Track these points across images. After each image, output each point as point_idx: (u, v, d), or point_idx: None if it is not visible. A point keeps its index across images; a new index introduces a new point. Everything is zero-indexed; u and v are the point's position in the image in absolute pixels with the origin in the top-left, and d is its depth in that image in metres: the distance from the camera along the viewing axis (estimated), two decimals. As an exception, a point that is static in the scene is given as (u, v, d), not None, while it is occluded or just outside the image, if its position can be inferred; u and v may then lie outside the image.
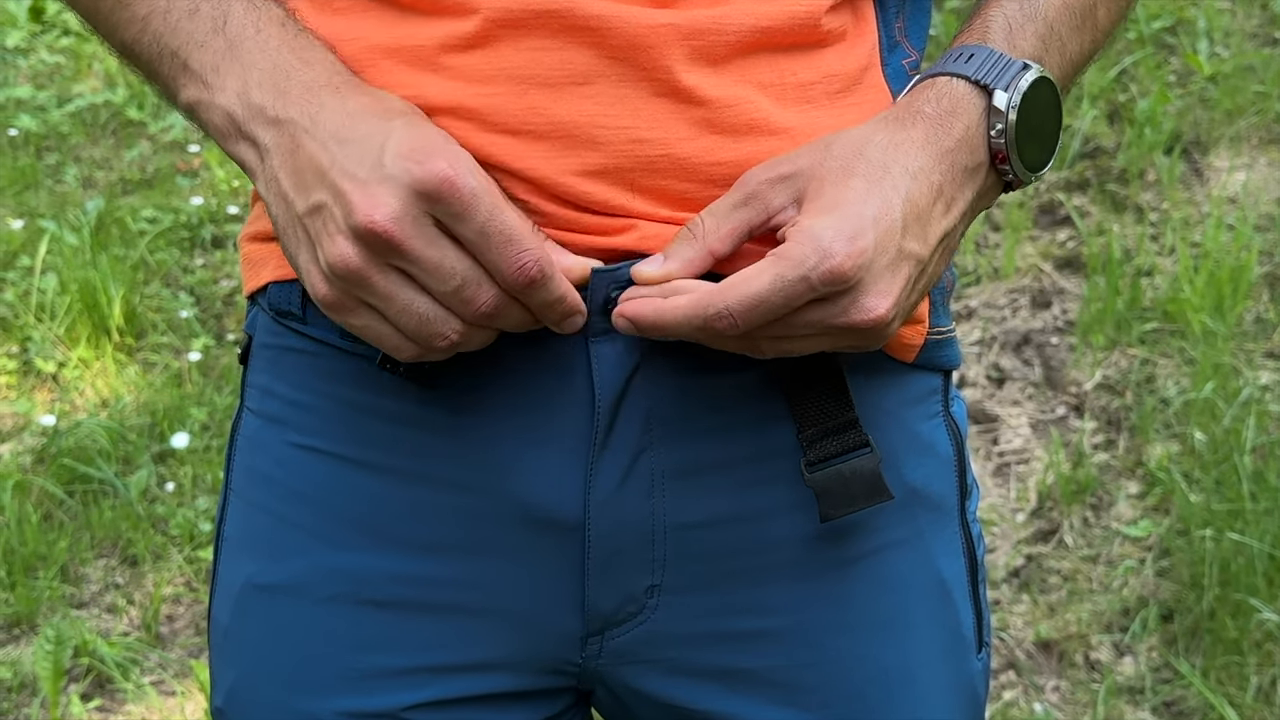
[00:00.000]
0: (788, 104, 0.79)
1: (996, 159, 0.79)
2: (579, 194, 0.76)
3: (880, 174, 0.74)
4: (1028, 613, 2.27)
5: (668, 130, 0.76)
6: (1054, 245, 2.97)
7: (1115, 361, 2.70)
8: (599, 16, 0.74)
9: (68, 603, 2.34)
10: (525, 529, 0.81)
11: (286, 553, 0.84)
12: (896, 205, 0.74)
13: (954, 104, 0.78)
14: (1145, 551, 2.35)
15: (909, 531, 0.85)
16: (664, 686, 0.84)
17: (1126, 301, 2.74)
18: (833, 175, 0.74)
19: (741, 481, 0.81)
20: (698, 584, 0.82)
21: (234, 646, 0.86)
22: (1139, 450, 2.52)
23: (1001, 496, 2.52)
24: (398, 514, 0.81)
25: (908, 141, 0.76)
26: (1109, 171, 3.08)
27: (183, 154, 3.54)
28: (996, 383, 2.75)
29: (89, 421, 2.67)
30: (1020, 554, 2.38)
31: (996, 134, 0.78)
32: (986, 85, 0.78)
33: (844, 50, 0.81)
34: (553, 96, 0.75)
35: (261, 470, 0.85)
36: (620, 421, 0.79)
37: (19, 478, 2.53)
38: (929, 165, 0.76)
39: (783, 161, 0.75)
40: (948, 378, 0.89)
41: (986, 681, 0.91)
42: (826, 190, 0.74)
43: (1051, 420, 2.64)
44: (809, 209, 0.73)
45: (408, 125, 0.72)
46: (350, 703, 0.83)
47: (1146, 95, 3.17)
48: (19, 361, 2.89)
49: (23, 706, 2.14)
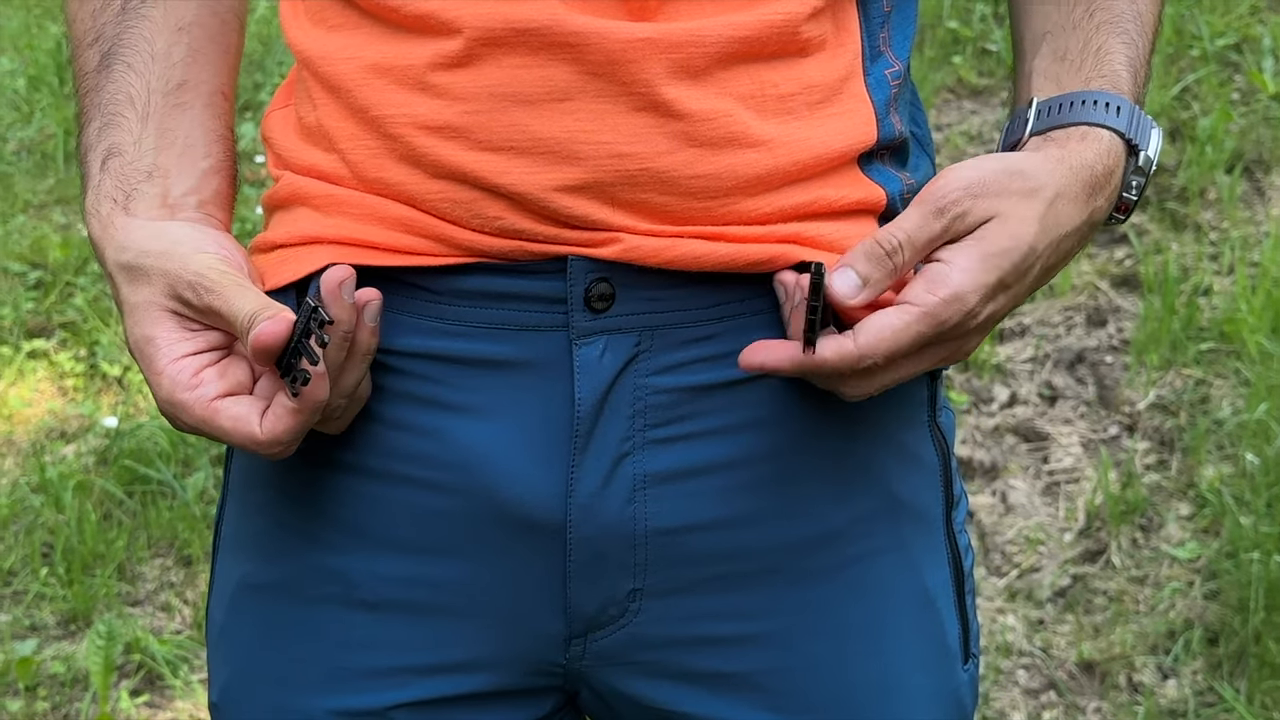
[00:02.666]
0: (767, 116, 0.79)
1: (1119, 209, 0.84)
2: (559, 208, 0.78)
3: (1045, 234, 0.78)
4: (1071, 633, 2.25)
5: (647, 145, 0.77)
6: (1111, 263, 2.95)
7: (1170, 381, 2.67)
8: (578, 33, 0.76)
9: (123, 600, 2.40)
10: (509, 531, 0.82)
11: (279, 553, 0.86)
12: (1035, 271, 0.79)
13: (1115, 164, 0.82)
14: (1194, 574, 2.32)
15: (892, 540, 0.86)
16: (647, 689, 0.85)
17: (1183, 321, 2.71)
18: (1016, 214, 0.78)
19: (723, 487, 0.82)
20: (679, 588, 0.83)
21: (228, 644, 0.89)
22: (1191, 471, 2.49)
23: (1050, 515, 2.50)
24: (386, 517, 0.83)
25: (1070, 201, 0.80)
26: (1169, 189, 3.04)
27: (249, 164, 3.61)
28: (1049, 401, 2.73)
29: (150, 424, 2.73)
30: (1066, 573, 2.37)
31: (1133, 191, 0.83)
32: (1136, 145, 0.83)
33: (825, 59, 0.81)
34: (534, 113, 0.77)
35: (257, 473, 0.88)
36: (601, 426, 0.80)
37: (81, 478, 2.59)
38: (1077, 229, 0.81)
39: (972, 168, 0.78)
40: (935, 386, 0.89)
41: (975, 693, 0.92)
42: (1008, 228, 0.77)
43: (1103, 440, 2.61)
44: (974, 245, 0.77)
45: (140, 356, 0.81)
46: (339, 701, 0.85)
47: (1209, 113, 3.13)
48: (86, 365, 2.96)
49: (75, 701, 2.20)
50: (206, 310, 0.79)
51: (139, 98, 0.85)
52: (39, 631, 2.33)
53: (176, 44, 0.87)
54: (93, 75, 0.87)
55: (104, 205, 0.83)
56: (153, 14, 0.87)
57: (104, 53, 0.86)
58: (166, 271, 0.79)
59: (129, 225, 0.82)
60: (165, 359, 0.78)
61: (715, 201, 0.79)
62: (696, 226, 0.79)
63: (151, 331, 0.79)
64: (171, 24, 0.87)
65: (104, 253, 0.83)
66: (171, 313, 0.79)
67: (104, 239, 0.83)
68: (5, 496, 2.59)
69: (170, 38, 0.87)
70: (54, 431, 2.79)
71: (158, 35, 0.86)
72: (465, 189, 0.78)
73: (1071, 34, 0.86)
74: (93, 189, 0.84)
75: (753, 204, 0.80)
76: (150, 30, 0.86)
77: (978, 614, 0.95)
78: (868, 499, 0.85)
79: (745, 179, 0.79)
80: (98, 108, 0.86)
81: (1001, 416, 2.70)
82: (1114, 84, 0.83)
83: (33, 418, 2.83)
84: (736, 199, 0.79)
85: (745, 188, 0.79)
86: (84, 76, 0.87)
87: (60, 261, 3.22)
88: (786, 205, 0.80)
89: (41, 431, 2.78)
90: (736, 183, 0.79)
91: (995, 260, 0.76)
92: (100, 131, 0.85)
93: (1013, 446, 2.64)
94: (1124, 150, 0.82)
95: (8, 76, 4.18)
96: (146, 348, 0.79)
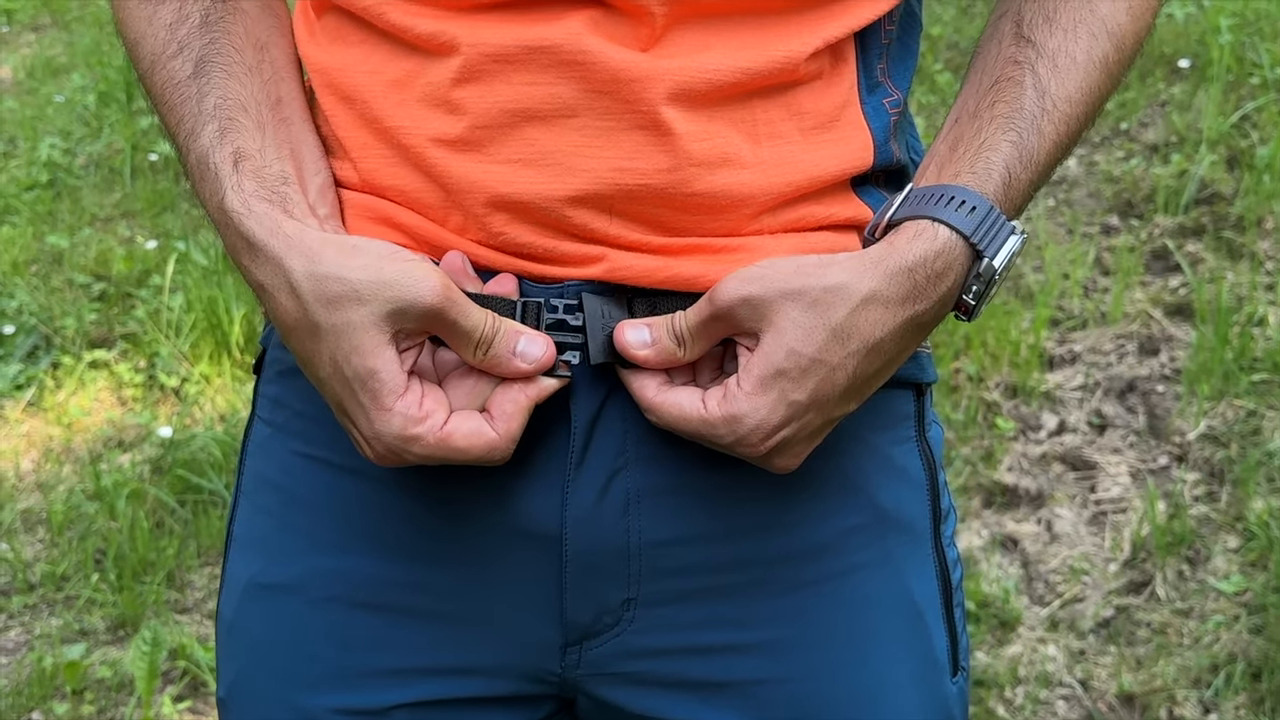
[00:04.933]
0: (760, 140, 0.81)
1: (958, 309, 0.81)
2: (560, 218, 0.80)
3: (840, 345, 0.76)
4: (1113, 664, 2.23)
5: (647, 161, 0.79)
6: (1165, 291, 2.92)
7: (1221, 412, 2.64)
8: (584, 52, 0.78)
9: (171, 608, 2.44)
10: (506, 541, 0.84)
11: (287, 554, 0.88)
12: (840, 383, 0.77)
13: (946, 266, 0.78)
14: (1239, 607, 2.29)
15: (878, 553, 0.87)
16: (641, 697, 0.86)
17: (1235, 351, 2.67)
18: (795, 328, 0.76)
19: (714, 502, 0.84)
20: (672, 598, 0.84)
21: (236, 641, 0.91)
22: (1240, 504, 2.46)
23: (1095, 545, 2.48)
24: (390, 522, 0.86)
25: (882, 305, 0.76)
26: (1225, 218, 3.01)
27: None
28: (1098, 429, 2.71)
29: (204, 434, 2.78)
30: (1110, 605, 2.34)
31: (973, 295, 0.80)
32: (980, 251, 0.79)
33: (819, 89, 0.83)
34: (543, 127, 0.79)
35: (268, 475, 0.90)
36: (595, 442, 0.82)
37: (135, 486, 2.65)
38: (893, 333, 0.77)
39: (753, 280, 0.76)
40: (922, 401, 0.90)
41: (964, 707, 0.92)
42: (785, 343, 0.76)
43: (1152, 470, 2.59)
44: (756, 364, 0.76)
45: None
46: (341, 699, 0.87)
47: (1267, 141, 3.10)
48: (145, 375, 3.02)
49: (120, 705, 2.24)
50: (436, 324, 0.76)
51: (250, 107, 0.83)
52: (88, 636, 2.38)
53: (263, 60, 0.86)
54: (188, 83, 0.84)
55: (257, 205, 0.79)
56: (234, 30, 0.86)
57: (196, 61, 0.84)
58: (385, 284, 0.75)
59: (306, 232, 0.78)
60: (392, 395, 0.75)
61: (708, 216, 0.81)
62: (688, 239, 0.81)
63: (374, 364, 0.75)
64: (253, 41, 0.86)
65: (283, 259, 0.77)
66: (390, 337, 0.76)
67: (275, 242, 0.77)
68: (61, 503, 2.64)
69: (256, 54, 0.86)
70: (111, 440, 2.85)
71: (245, 50, 0.85)
72: (470, 199, 0.81)
73: (970, 123, 0.83)
74: (233, 189, 0.80)
75: (745, 221, 0.82)
76: (237, 45, 0.85)
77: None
78: (854, 513, 0.86)
79: (739, 197, 0.81)
80: (209, 113, 0.82)
81: (1049, 444, 2.68)
82: (980, 182, 0.80)
83: (91, 426, 2.89)
84: (729, 215, 0.81)
85: (738, 205, 0.81)
86: (175, 86, 0.84)
87: (123, 274, 3.30)
88: (775, 223, 0.82)
89: (99, 440, 2.84)
90: (730, 201, 0.81)
91: (775, 383, 0.76)
92: (221, 134, 0.82)
93: (1060, 475, 2.62)
94: (965, 251, 0.78)
95: (79, 92, 4.29)
96: (371, 382, 0.75)
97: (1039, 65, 0.82)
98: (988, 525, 2.53)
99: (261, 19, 0.87)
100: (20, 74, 4.61)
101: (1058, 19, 0.84)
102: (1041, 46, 0.83)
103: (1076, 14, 0.84)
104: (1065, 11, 0.84)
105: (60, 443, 2.84)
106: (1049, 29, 0.84)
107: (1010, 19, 0.86)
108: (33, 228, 3.55)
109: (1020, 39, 0.84)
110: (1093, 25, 0.84)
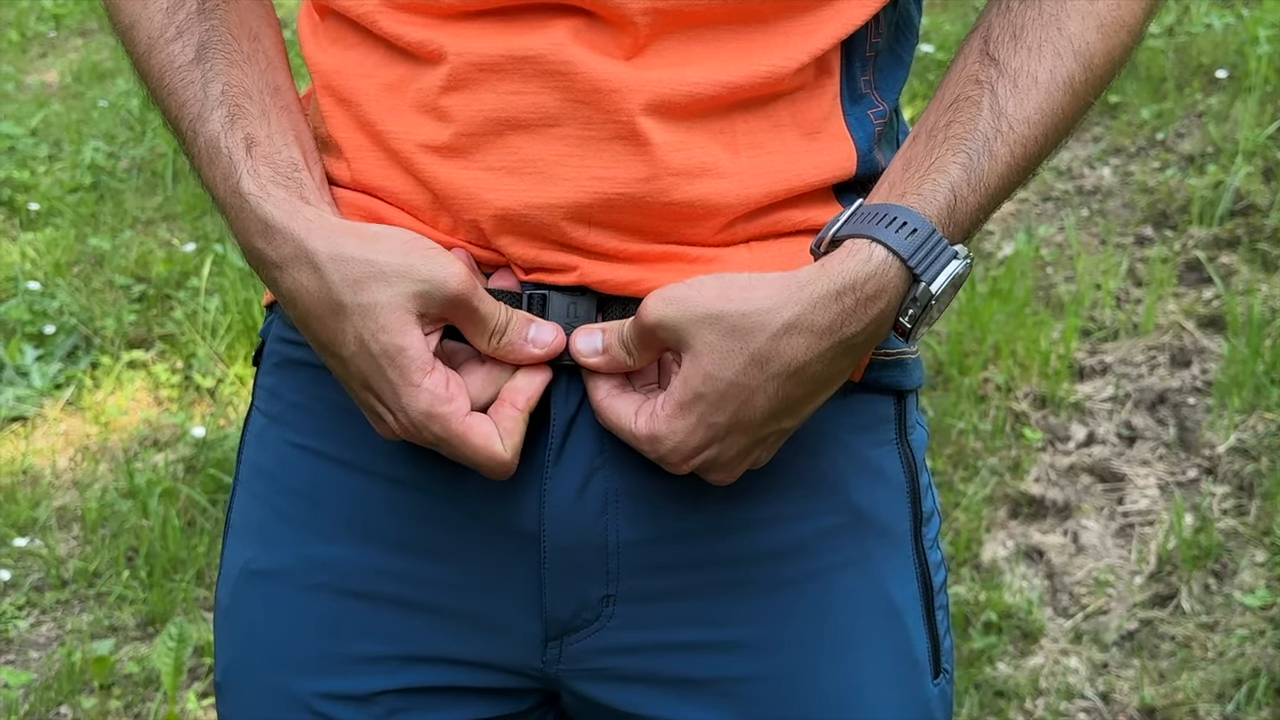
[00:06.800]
0: (739, 151, 0.82)
1: (896, 330, 0.79)
2: (539, 225, 0.81)
3: (759, 369, 0.75)
4: (1135, 678, 2.22)
5: (625, 170, 0.80)
6: (1198, 303, 2.90)
7: (1252, 425, 2.62)
8: (567, 62, 0.79)
9: (200, 605, 2.47)
10: (489, 536, 0.85)
11: (279, 542, 0.90)
12: (761, 405, 0.77)
13: (879, 289, 0.76)
14: (1265, 622, 2.27)
15: (856, 554, 0.87)
16: (621, 693, 0.87)
17: (1268, 364, 2.65)
18: (712, 351, 0.76)
19: (691, 501, 0.85)
20: (651, 595, 0.85)
21: (231, 626, 0.93)
22: (1269, 518, 2.44)
23: (1121, 558, 2.46)
24: (378, 513, 0.87)
25: (805, 332, 0.75)
26: (1260, 230, 2.99)
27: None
28: (1127, 441, 2.69)
29: (236, 435, 2.81)
30: (1135, 617, 2.33)
31: (909, 319, 0.78)
32: (917, 273, 0.77)
33: (802, 100, 0.84)
34: (527, 136, 0.81)
35: (263, 465, 0.92)
36: (573, 441, 0.84)
37: (168, 485, 2.68)
38: (819, 357, 0.76)
39: (672, 302, 0.76)
40: (904, 405, 0.91)
41: (948, 710, 0.92)
42: (701, 367, 0.76)
43: (1181, 482, 2.57)
44: (676, 387, 0.77)
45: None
46: (329, 684, 0.89)
47: (1305, 153, 3.08)
48: (181, 376, 3.06)
49: (147, 700, 2.27)
50: (458, 309, 0.78)
51: (254, 94, 0.84)
52: (118, 632, 2.41)
53: (258, 50, 0.87)
54: (190, 68, 0.85)
55: (274, 189, 0.80)
56: (229, 19, 0.87)
57: (198, 47, 0.85)
58: (412, 268, 0.76)
59: (325, 217, 0.79)
60: (420, 372, 0.77)
61: (686, 224, 0.82)
62: (665, 246, 0.82)
63: (403, 342, 0.76)
64: (247, 31, 0.88)
65: (305, 240, 0.78)
66: (417, 318, 0.77)
67: (295, 225, 0.78)
68: (96, 501, 2.68)
69: (251, 44, 0.87)
70: (147, 440, 2.89)
71: (241, 39, 0.86)
72: (456, 205, 0.82)
73: (925, 142, 0.81)
74: (249, 173, 0.81)
75: (722, 229, 0.83)
76: (233, 33, 0.86)
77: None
78: (831, 513, 0.87)
79: (717, 206, 0.81)
80: (216, 98, 0.83)
81: (1078, 455, 2.67)
82: (924, 204, 0.78)
83: (128, 425, 2.93)
84: (707, 224, 0.82)
85: (716, 214, 0.82)
86: (176, 70, 0.85)
87: (163, 276, 3.34)
88: (751, 229, 0.83)
89: (135, 439, 2.88)
90: (708, 210, 0.81)
91: (694, 406, 0.76)
92: (231, 120, 0.82)
93: (1088, 486, 2.61)
94: (901, 274, 0.77)
95: (123, 97, 4.35)
96: (400, 358, 0.76)
97: (999, 85, 0.81)
98: (1013, 536, 2.52)
99: (252, 9, 0.89)
100: (67, 78, 4.69)
101: (1023, 37, 0.82)
102: (1004, 65, 0.81)
103: (1043, 33, 0.82)
104: (1031, 30, 0.82)
105: (97, 441, 2.88)
106: (1014, 47, 0.82)
107: (980, 35, 0.84)
108: (75, 230, 3.60)
109: (985, 57, 0.82)
110: (1059, 44, 0.82)
